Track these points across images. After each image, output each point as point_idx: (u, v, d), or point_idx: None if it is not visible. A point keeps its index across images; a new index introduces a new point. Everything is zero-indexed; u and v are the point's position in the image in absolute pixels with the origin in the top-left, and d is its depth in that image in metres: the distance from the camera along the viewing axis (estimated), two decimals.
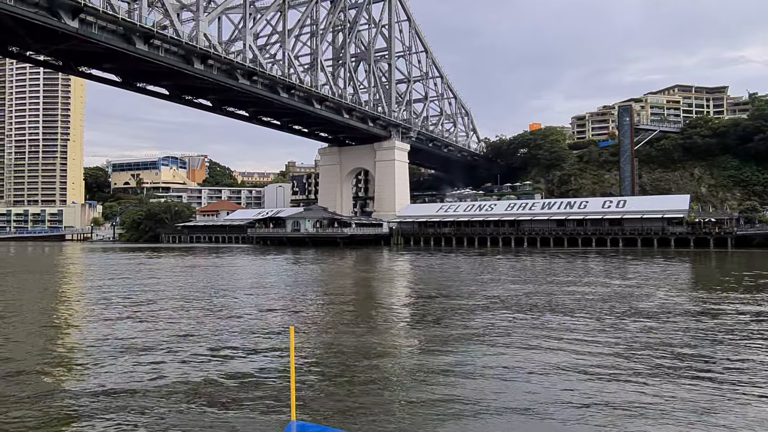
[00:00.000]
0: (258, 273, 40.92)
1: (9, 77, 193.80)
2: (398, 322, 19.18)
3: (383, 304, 24.76)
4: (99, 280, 36.26)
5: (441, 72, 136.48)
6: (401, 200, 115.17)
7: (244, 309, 22.00)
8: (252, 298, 25.75)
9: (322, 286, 32.57)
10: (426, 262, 53.67)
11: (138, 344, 14.98)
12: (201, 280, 34.98)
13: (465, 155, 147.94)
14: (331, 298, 26.57)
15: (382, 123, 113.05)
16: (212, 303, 23.56)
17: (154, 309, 21.74)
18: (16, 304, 24.52)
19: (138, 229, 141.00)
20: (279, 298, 26.11)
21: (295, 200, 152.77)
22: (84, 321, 19.55)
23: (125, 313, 20.72)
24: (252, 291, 28.81)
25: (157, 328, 17.57)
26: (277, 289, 29.61)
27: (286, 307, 22.73)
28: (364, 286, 32.94)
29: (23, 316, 20.66)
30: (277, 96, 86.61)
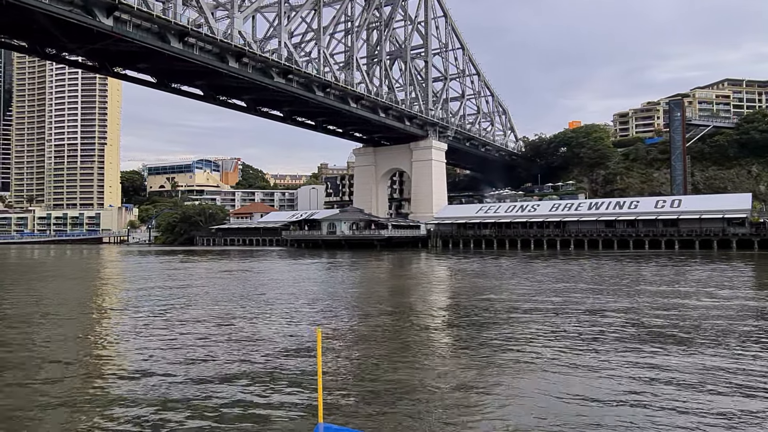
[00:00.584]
0: (293, 279, 38.12)
1: (49, 84, 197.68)
2: (447, 346, 15.87)
3: (430, 314, 21.70)
4: (134, 288, 34.02)
5: (478, 69, 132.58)
6: (439, 201, 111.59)
7: (278, 317, 20.44)
8: (286, 306, 23.20)
9: (359, 293, 29.50)
10: (471, 267, 50.11)
11: (169, 347, 14.89)
12: (235, 288, 32.40)
13: (503, 155, 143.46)
14: (369, 308, 23.52)
15: (419, 122, 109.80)
16: (245, 312, 21.95)
17: (187, 318, 20.35)
18: (50, 314, 22.19)
19: (173, 231, 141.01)
20: (314, 304, 23.61)
21: (329, 202, 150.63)
22: (118, 331, 18.28)
23: (157, 323, 19.02)
24: (286, 298, 26.07)
25: (190, 332, 17.24)
26: (312, 297, 26.92)
27: (321, 314, 20.82)
28: (405, 294, 29.71)
29: (54, 329, 18.56)
30: (312, 95, 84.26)
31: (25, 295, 28.05)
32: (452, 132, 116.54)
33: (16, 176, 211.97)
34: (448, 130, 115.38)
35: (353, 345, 15.35)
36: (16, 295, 28.70)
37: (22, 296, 27.83)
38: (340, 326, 18.19)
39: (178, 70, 75.43)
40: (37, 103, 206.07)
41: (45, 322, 19.72)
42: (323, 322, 18.91)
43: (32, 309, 22.77)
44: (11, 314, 21.61)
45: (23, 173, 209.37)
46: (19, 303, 25.06)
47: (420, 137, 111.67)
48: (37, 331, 17.90)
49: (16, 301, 26.04)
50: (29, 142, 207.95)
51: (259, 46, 76.71)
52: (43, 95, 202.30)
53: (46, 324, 19.28)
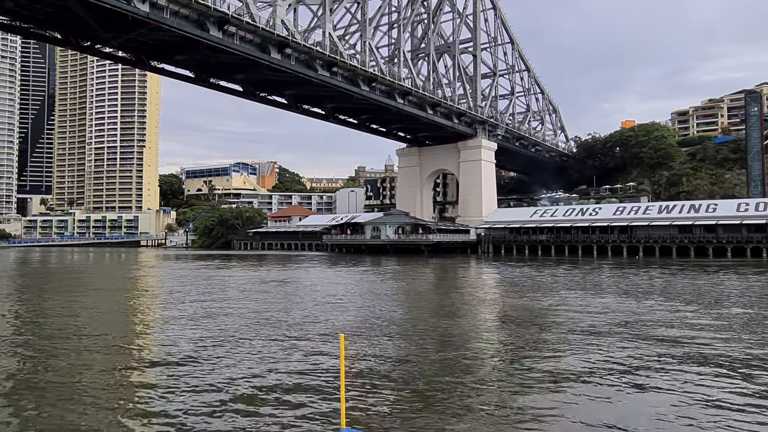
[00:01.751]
0: (335, 294, 32.26)
1: (90, 88, 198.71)
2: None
3: (482, 341, 17.61)
4: (170, 304, 29.10)
5: (528, 65, 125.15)
6: (488, 204, 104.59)
7: (318, 336, 17.97)
8: (320, 338, 18.10)
9: (405, 315, 23.64)
10: (527, 277, 43.34)
11: (201, 359, 14.50)
12: (274, 302, 27.82)
13: (552, 155, 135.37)
14: (423, 329, 19.58)
15: (467, 120, 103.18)
16: (284, 328, 19.67)
17: (223, 338, 18.01)
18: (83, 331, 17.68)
19: (210, 235, 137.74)
20: (357, 333, 18.84)
21: (369, 205, 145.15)
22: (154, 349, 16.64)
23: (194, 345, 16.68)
24: (324, 325, 20.57)
25: (223, 346, 16.34)
26: (355, 320, 21.88)
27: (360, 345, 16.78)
28: (454, 315, 23.70)
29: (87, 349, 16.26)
30: (357, 89, 78.72)
31: (59, 311, 24.73)
32: (502, 131, 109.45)
33: (58, 179, 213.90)
34: (497, 129, 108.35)
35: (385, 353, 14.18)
36: (53, 308, 25.85)
37: (57, 311, 24.70)
38: (382, 344, 16.34)
39: (216, 63, 71.02)
40: (78, 107, 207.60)
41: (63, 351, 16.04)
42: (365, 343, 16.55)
43: (56, 336, 18.82)
44: (36, 336, 18.74)
45: (64, 176, 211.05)
46: (52, 322, 21.73)
47: (468, 136, 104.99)
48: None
49: (50, 318, 22.92)
50: (71, 145, 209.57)
51: (303, 37, 71.54)
52: (84, 99, 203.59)
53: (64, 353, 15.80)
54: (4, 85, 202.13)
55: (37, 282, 41.49)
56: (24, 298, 30.99)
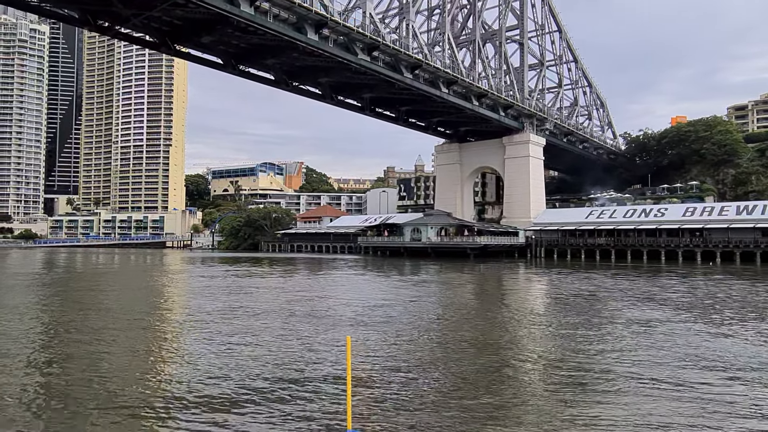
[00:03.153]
0: (374, 310, 25.07)
1: (116, 86, 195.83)
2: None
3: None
4: (194, 327, 22.25)
5: (575, 55, 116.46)
6: (536, 205, 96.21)
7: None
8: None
9: (451, 342, 18.23)
10: (589, 287, 35.30)
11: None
12: (306, 319, 22.08)
13: (601, 153, 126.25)
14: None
15: (514, 113, 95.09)
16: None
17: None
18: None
19: (237, 236, 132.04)
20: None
21: (403, 206, 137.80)
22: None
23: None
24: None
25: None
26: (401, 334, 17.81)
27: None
28: (513, 345, 17.18)
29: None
30: (399, 76, 71.43)
31: (77, 328, 20.99)
32: (551, 125, 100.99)
33: (84, 178, 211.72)
34: (546, 123, 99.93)
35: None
36: (73, 322, 22.21)
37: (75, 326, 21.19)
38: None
39: (246, 47, 64.73)
40: (105, 106, 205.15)
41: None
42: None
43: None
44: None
45: (91, 175, 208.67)
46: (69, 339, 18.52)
47: (515, 130, 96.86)
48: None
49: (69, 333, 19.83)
50: (97, 145, 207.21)
51: (342, 17, 64.54)
52: (110, 98, 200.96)
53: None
54: (32, 85, 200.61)
55: (49, 298, 35.25)
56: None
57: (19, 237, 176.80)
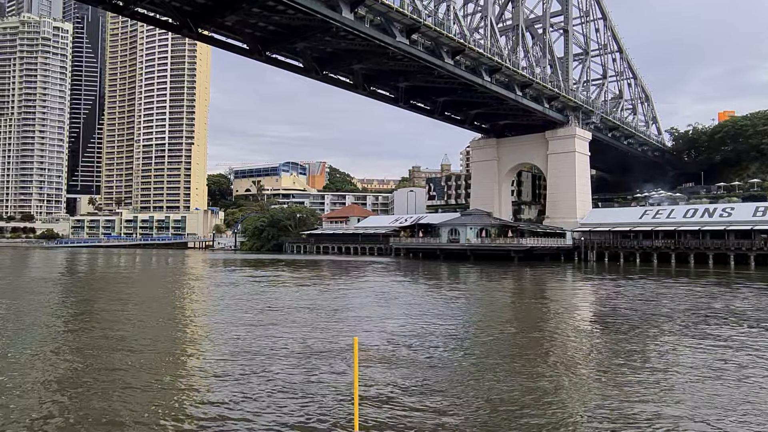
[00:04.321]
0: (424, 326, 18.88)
1: (138, 85, 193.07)
2: None
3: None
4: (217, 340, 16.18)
5: (620, 45, 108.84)
6: (583, 204, 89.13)
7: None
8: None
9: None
10: (662, 300, 28.52)
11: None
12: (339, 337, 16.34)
13: (645, 150, 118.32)
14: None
15: (558, 105, 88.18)
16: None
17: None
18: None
19: (260, 237, 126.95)
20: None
21: (432, 206, 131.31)
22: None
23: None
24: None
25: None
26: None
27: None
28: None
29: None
30: (440, 62, 65.16)
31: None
32: (597, 118, 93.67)
33: (106, 178, 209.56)
34: (592, 117, 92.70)
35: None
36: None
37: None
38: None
39: (274, 30, 59.34)
40: (127, 105, 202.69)
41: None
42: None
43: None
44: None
45: (113, 175, 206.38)
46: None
47: (559, 124, 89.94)
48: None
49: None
50: (119, 143, 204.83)
51: None
52: (133, 96, 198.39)
53: None
54: (55, 83, 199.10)
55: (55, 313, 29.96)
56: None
57: (41, 237, 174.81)
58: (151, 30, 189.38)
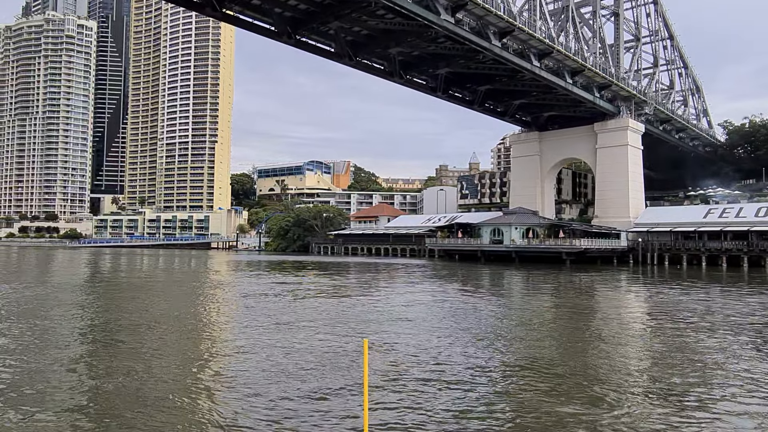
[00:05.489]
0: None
1: (162, 83, 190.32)
2: None
3: None
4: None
5: (671, 32, 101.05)
6: (636, 202, 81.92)
7: None
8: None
9: None
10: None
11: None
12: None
13: (696, 144, 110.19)
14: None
15: (609, 95, 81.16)
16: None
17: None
18: None
19: (285, 237, 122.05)
20: None
21: (465, 205, 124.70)
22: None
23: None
24: None
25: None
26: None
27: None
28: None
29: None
30: (487, 44, 58.87)
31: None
32: (650, 109, 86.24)
33: (130, 177, 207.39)
34: (645, 107, 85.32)
35: None
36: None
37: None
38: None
39: (305, 9, 53.85)
40: (150, 104, 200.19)
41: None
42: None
43: None
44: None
45: (136, 174, 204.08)
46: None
47: (608, 115, 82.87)
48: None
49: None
50: (143, 143, 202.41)
51: None
52: (156, 95, 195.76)
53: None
54: (79, 82, 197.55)
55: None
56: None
57: (64, 236, 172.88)
58: (175, 27, 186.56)
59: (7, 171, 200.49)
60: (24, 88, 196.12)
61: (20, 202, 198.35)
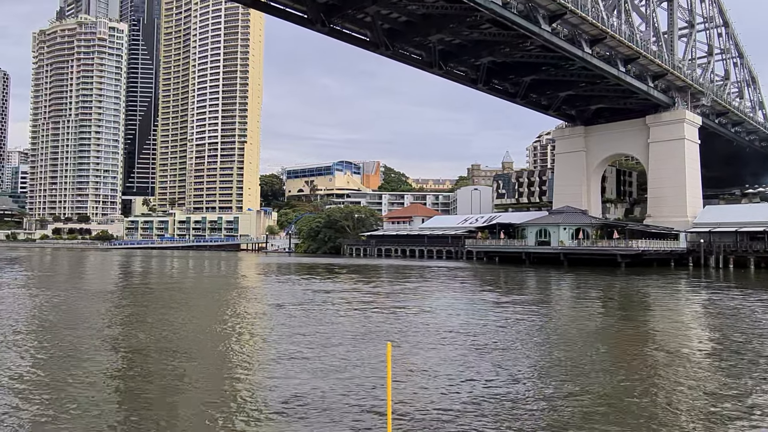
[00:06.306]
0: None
1: (192, 84, 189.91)
2: None
3: None
4: None
5: (726, 18, 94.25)
6: (693, 200, 75.91)
7: None
8: None
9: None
10: None
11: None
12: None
13: (753, 139, 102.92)
14: None
15: (663, 85, 75.33)
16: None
17: None
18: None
19: (316, 238, 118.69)
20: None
21: (502, 205, 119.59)
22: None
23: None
24: None
25: None
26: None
27: None
28: None
29: None
30: (536, 28, 54.13)
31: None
32: (708, 100, 79.98)
33: (160, 178, 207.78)
34: (702, 99, 79.12)
35: None
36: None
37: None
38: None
39: None
40: (180, 104, 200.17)
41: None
42: None
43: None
44: None
45: (166, 175, 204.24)
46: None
47: (662, 107, 77.06)
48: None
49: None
50: (173, 144, 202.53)
51: None
52: (186, 95, 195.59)
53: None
54: (110, 84, 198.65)
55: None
56: None
57: (96, 238, 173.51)
58: (204, 28, 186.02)
59: (41, 173, 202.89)
60: (57, 91, 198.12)
61: (54, 204, 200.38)
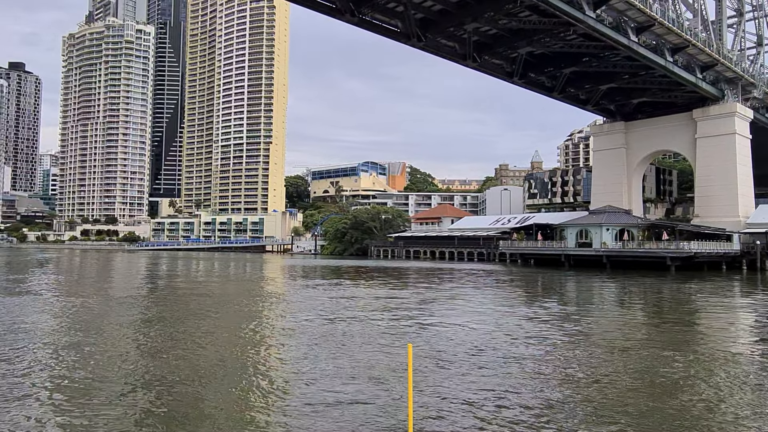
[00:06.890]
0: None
1: (217, 85, 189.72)
2: None
3: None
4: None
5: None
6: (745, 199, 71.10)
7: None
8: None
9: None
10: None
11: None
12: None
13: None
14: None
15: (711, 76, 70.71)
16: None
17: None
18: None
19: (342, 240, 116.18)
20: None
21: (534, 205, 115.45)
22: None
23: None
24: None
25: None
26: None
27: None
28: None
29: None
30: (580, 14, 50.48)
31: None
32: (760, 93, 75.03)
33: (186, 180, 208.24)
34: (753, 90, 74.21)
35: None
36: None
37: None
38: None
39: None
40: (206, 106, 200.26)
41: None
42: None
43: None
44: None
45: (192, 177, 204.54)
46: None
47: (710, 100, 72.41)
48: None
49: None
50: (198, 146, 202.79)
51: None
52: (212, 96, 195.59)
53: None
54: (137, 86, 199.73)
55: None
56: None
57: (123, 239, 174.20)
58: (230, 30, 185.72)
59: (70, 176, 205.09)
60: (86, 94, 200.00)
61: (82, 206, 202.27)
